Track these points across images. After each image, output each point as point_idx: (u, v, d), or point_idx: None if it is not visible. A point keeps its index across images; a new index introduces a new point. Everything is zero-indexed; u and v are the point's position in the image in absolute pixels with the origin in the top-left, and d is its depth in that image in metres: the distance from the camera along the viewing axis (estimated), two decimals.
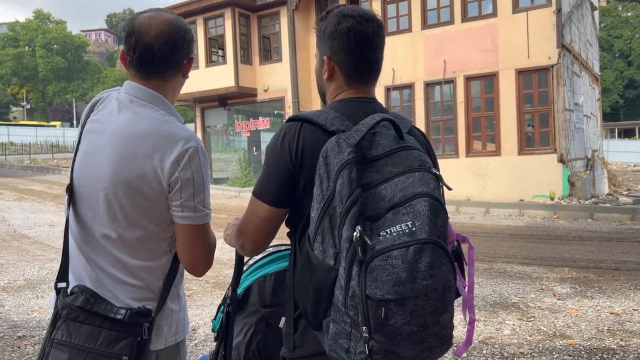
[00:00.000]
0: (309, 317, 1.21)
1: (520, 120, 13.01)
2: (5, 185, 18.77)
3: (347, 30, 1.32)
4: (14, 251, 7.65)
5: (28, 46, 56.83)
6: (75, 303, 1.29)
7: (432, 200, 1.12)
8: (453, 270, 1.12)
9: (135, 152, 1.33)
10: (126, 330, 1.29)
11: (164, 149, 1.32)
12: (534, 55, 12.59)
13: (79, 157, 1.39)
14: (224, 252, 6.93)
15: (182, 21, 1.43)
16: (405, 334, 1.06)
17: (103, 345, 1.26)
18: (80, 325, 1.27)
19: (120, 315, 1.29)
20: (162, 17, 1.39)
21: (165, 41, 1.37)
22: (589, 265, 6.51)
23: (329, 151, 1.17)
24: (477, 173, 13.29)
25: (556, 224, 10.30)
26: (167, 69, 1.41)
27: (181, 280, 1.52)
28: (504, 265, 6.55)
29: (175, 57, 1.41)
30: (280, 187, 1.29)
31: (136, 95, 1.39)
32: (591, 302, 4.92)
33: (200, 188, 1.36)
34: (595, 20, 19.14)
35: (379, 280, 1.05)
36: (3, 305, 4.90)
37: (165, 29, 1.37)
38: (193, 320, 4.49)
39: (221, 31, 17.55)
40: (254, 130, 18.60)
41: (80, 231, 1.40)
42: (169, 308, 1.43)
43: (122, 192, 1.34)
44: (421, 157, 1.21)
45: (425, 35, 14.22)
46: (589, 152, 15.48)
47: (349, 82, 1.38)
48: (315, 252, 1.16)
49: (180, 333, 1.49)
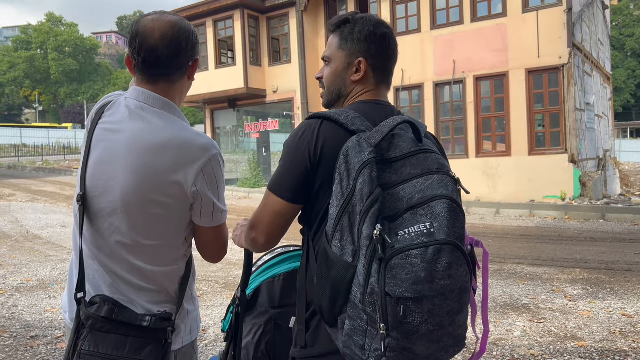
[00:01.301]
0: (324, 313, 1.21)
1: (530, 120, 12.92)
2: (18, 187, 18.99)
3: (385, 36, 1.40)
4: (27, 252, 7.73)
5: (40, 49, 57.42)
6: (100, 314, 1.29)
7: (451, 203, 1.14)
8: (470, 272, 1.14)
9: (156, 163, 1.32)
10: (151, 336, 1.31)
11: (187, 160, 1.33)
12: (545, 54, 12.50)
13: (92, 166, 1.37)
14: (234, 253, 6.96)
15: (186, 23, 1.42)
16: (422, 333, 1.08)
17: (130, 352, 1.28)
18: (105, 335, 1.28)
19: (146, 322, 1.30)
20: (166, 19, 1.38)
21: (169, 43, 1.35)
22: (600, 266, 6.45)
23: (350, 150, 1.19)
24: (487, 173, 13.22)
25: (567, 225, 10.22)
26: (172, 71, 1.40)
27: (194, 281, 1.55)
28: (515, 267, 6.51)
29: (180, 58, 1.39)
30: (297, 183, 1.30)
31: (146, 102, 1.38)
32: (603, 303, 4.88)
33: (221, 192, 1.40)
34: (606, 19, 18.96)
35: (398, 279, 1.06)
36: (16, 305, 4.96)
37: (169, 31, 1.36)
38: (203, 320, 4.52)
39: (230, 33, 17.63)
40: (263, 132, 18.66)
41: (95, 239, 1.39)
42: (185, 309, 1.46)
43: (143, 203, 1.34)
44: (440, 161, 1.24)
45: (434, 35, 14.18)
46: (601, 152, 15.34)
47: (378, 84, 1.43)
48: (334, 248, 1.18)
49: (195, 331, 1.52)
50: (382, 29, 1.40)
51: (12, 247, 8.20)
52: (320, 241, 1.27)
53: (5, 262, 6.91)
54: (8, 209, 13.15)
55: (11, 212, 12.57)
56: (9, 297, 5.25)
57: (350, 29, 1.41)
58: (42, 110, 63.94)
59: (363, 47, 1.40)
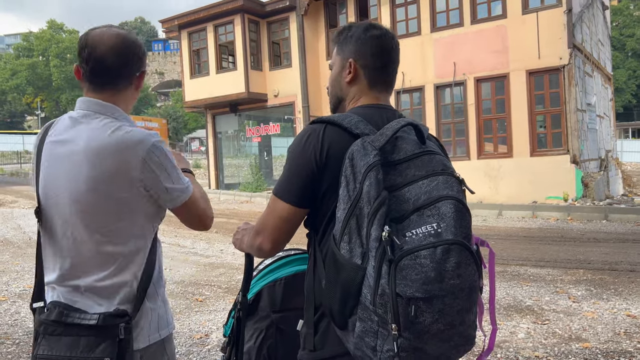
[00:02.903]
0: (335, 316, 1.22)
1: (532, 122, 12.91)
2: (20, 194, 19.03)
3: (375, 37, 1.42)
4: (29, 258, 7.74)
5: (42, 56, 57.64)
6: (50, 318, 1.35)
7: (457, 203, 1.16)
8: (478, 271, 1.16)
9: (98, 163, 1.37)
10: (103, 334, 1.34)
11: (127, 156, 1.37)
12: (545, 55, 12.50)
13: (42, 180, 1.44)
14: (236, 257, 6.95)
15: (134, 36, 1.50)
16: (433, 332, 1.09)
17: (84, 351, 1.31)
18: (59, 337, 1.33)
19: (93, 320, 1.34)
20: (114, 31, 1.46)
21: (116, 53, 1.42)
22: (604, 267, 6.42)
23: (355, 153, 1.20)
24: (489, 175, 13.21)
25: (570, 226, 10.19)
26: (119, 80, 1.46)
27: (160, 280, 1.55)
28: (518, 268, 6.49)
29: (126, 69, 1.46)
30: (303, 187, 1.31)
31: (89, 109, 1.44)
32: (607, 304, 4.86)
33: (172, 174, 1.44)
34: (606, 20, 18.96)
35: (408, 279, 1.07)
36: (19, 312, 4.96)
37: (117, 43, 1.43)
38: (206, 325, 4.51)
39: (231, 37, 17.67)
40: (264, 136, 18.68)
41: (54, 250, 1.45)
42: (147, 307, 1.46)
43: (92, 204, 1.38)
44: (444, 162, 1.26)
45: (434, 37, 14.19)
46: (603, 152, 15.32)
47: (371, 86, 1.44)
48: (342, 251, 1.18)
49: (164, 329, 1.52)
50: (373, 31, 1.43)
51: (15, 253, 8.21)
52: (327, 244, 1.28)
53: (8, 269, 6.91)
54: (10, 215, 13.18)
55: (14, 218, 12.59)
56: (11, 303, 5.25)
57: (345, 35, 1.46)
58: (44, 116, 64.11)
59: (353, 48, 1.44)
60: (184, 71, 18.97)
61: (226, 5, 17.11)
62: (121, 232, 1.41)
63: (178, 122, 59.94)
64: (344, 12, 16.35)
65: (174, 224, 11.38)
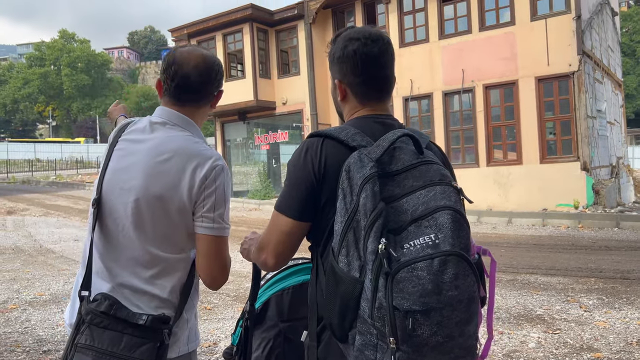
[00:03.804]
0: (334, 330, 1.22)
1: (541, 128, 12.85)
2: (31, 201, 19.21)
3: (353, 53, 1.37)
4: (40, 266, 7.80)
5: (54, 65, 58.38)
6: (99, 309, 1.35)
7: (454, 213, 1.14)
8: (477, 282, 1.14)
9: (166, 167, 1.43)
10: (147, 336, 1.35)
11: (195, 166, 1.43)
12: (554, 62, 12.45)
13: (110, 172, 1.48)
14: (245, 265, 6.96)
15: (216, 57, 1.59)
16: (432, 345, 1.07)
17: (125, 349, 1.32)
18: (103, 330, 1.33)
19: (142, 320, 1.35)
20: (200, 52, 1.55)
21: (201, 73, 1.51)
22: (616, 275, 6.35)
23: (352, 165, 1.19)
24: (498, 182, 13.14)
25: (581, 234, 10.09)
26: (200, 97, 1.55)
27: (196, 293, 1.57)
28: (528, 276, 6.44)
29: (208, 87, 1.55)
30: (303, 201, 1.31)
31: (169, 119, 1.52)
32: (619, 313, 4.79)
33: (221, 202, 1.45)
34: (616, 26, 18.87)
35: (405, 292, 1.06)
36: (29, 319, 4.99)
37: (202, 62, 1.51)
38: (214, 333, 4.51)
39: (240, 46, 17.79)
40: (272, 143, 18.74)
41: (104, 242, 1.47)
42: (184, 318, 1.49)
43: (151, 203, 1.42)
44: (441, 171, 1.24)
45: (442, 45, 14.20)
46: (614, 159, 15.18)
47: (362, 102, 1.42)
48: (340, 264, 1.18)
49: (193, 342, 1.54)
50: (350, 45, 1.36)
51: (26, 261, 8.27)
52: (328, 257, 1.27)
53: (19, 277, 6.97)
54: (22, 223, 13.30)
55: (25, 226, 12.71)
56: (22, 311, 5.29)
57: (330, 53, 1.44)
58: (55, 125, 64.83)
59: (336, 68, 1.42)
60: None
61: (235, 14, 17.24)
62: (169, 239, 1.45)
63: None
64: (351, 20, 16.41)
65: None
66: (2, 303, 5.63)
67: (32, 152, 43.00)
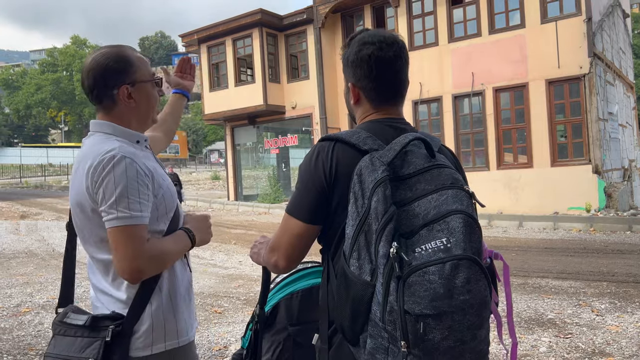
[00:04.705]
0: (346, 333, 1.22)
1: (552, 131, 12.76)
2: (44, 206, 19.41)
3: (367, 57, 1.37)
4: (52, 270, 7.88)
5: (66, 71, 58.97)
6: (57, 319, 1.47)
7: (466, 217, 1.14)
8: (489, 286, 1.14)
9: (77, 174, 1.49)
10: (93, 335, 1.40)
11: (89, 165, 1.43)
12: (565, 65, 12.38)
13: None
14: (254, 269, 6.97)
15: (105, 53, 1.52)
16: (443, 349, 1.07)
17: (77, 350, 1.38)
18: (63, 337, 1.42)
19: (81, 321, 1.41)
20: (93, 54, 1.55)
21: (87, 76, 1.52)
22: (628, 279, 6.28)
23: (363, 169, 1.20)
24: (509, 186, 13.06)
25: (593, 237, 10.00)
26: (100, 99, 1.55)
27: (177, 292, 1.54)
28: (539, 280, 6.39)
29: (98, 89, 1.52)
30: (314, 204, 1.32)
31: (92, 128, 1.58)
32: (632, 317, 4.75)
33: (112, 192, 1.38)
34: (627, 28, 18.72)
35: (416, 296, 1.06)
36: (42, 323, 5.05)
37: (88, 65, 1.52)
38: (224, 337, 4.53)
39: (249, 51, 17.89)
40: (282, 147, 18.80)
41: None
42: (147, 314, 1.46)
43: (76, 212, 1.50)
44: (453, 175, 1.23)
45: (451, 48, 14.17)
46: (626, 162, 15.03)
47: (376, 106, 1.42)
48: (352, 268, 1.18)
49: (172, 340, 1.50)
50: (364, 50, 1.37)
51: (39, 265, 8.36)
52: (339, 260, 1.28)
53: (32, 280, 7.05)
54: (35, 227, 13.45)
55: (38, 230, 12.84)
56: (35, 314, 5.35)
57: (344, 56, 1.44)
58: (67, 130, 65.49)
59: (350, 71, 1.42)
60: (203, 84, 19.23)
61: (245, 19, 17.36)
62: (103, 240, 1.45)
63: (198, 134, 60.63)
64: (360, 24, 16.44)
65: None
66: (15, 306, 5.70)
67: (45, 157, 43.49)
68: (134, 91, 1.55)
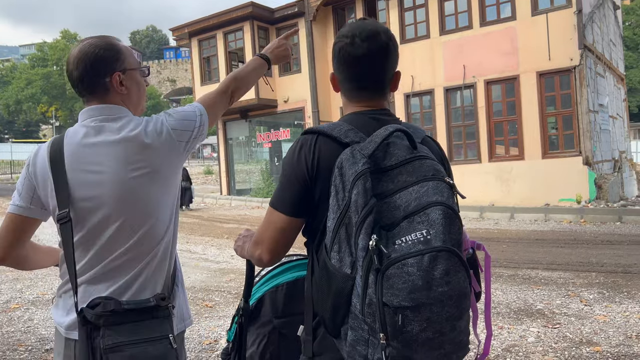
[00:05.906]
0: (327, 325, 1.23)
1: (543, 123, 12.82)
2: None
3: (338, 50, 1.40)
4: None
5: (56, 65, 58.43)
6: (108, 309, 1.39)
7: (446, 209, 1.14)
8: (468, 277, 1.14)
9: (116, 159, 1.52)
10: (159, 315, 1.43)
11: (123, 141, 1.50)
12: (555, 57, 12.42)
13: None
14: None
15: (93, 43, 1.53)
16: (421, 341, 1.07)
17: (147, 332, 1.39)
18: (119, 326, 1.38)
19: (151, 302, 1.43)
20: (80, 45, 1.54)
21: (76, 66, 1.52)
22: (617, 269, 6.35)
23: (344, 162, 1.20)
24: (500, 178, 13.12)
25: (583, 228, 10.08)
26: (92, 88, 1.54)
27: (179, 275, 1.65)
28: (529, 271, 6.44)
29: (90, 78, 1.52)
30: (297, 198, 1.32)
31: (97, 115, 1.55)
32: (619, 307, 4.80)
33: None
34: (618, 19, 18.78)
35: (395, 288, 1.06)
36: (32, 319, 5.03)
37: (75, 55, 1.51)
38: (215, 331, 4.54)
39: (241, 44, 17.80)
40: (275, 141, 18.75)
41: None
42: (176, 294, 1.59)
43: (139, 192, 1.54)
44: (435, 167, 1.23)
45: (443, 41, 14.17)
46: (616, 153, 15.14)
47: (349, 97, 1.44)
48: (332, 260, 1.18)
49: (186, 321, 1.63)
50: (340, 42, 1.39)
51: None
52: (322, 253, 1.28)
53: (22, 276, 7.01)
54: None
55: None
56: (24, 310, 5.33)
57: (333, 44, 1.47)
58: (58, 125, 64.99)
59: (334, 61, 1.44)
60: (194, 78, 19.14)
61: (236, 13, 17.25)
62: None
63: None
64: (352, 17, 16.38)
65: (185, 230, 11.46)
66: (5, 302, 5.68)
67: None
68: (125, 79, 1.57)
